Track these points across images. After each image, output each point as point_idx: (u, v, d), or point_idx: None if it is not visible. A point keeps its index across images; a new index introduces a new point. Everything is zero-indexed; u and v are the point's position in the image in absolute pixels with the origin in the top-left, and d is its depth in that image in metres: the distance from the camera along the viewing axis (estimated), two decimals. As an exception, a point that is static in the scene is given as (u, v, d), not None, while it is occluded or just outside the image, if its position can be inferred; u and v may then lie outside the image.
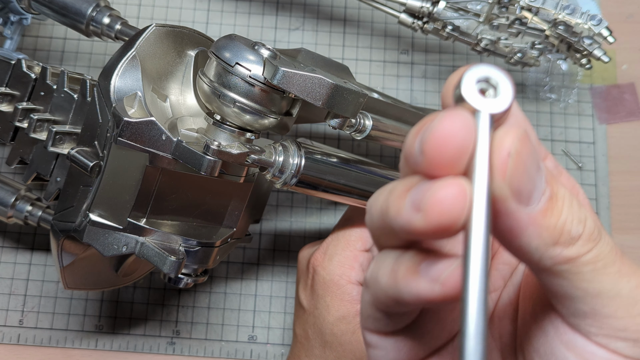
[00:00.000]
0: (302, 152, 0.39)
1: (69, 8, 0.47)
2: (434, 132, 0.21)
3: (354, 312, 0.43)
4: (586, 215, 0.23)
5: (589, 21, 0.49)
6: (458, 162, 0.21)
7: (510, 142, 0.21)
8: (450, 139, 0.21)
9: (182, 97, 0.41)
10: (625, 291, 0.23)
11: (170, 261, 0.38)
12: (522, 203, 0.21)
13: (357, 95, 0.38)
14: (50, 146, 0.41)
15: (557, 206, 0.22)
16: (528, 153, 0.21)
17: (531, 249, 0.22)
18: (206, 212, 0.42)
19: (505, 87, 0.22)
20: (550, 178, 0.22)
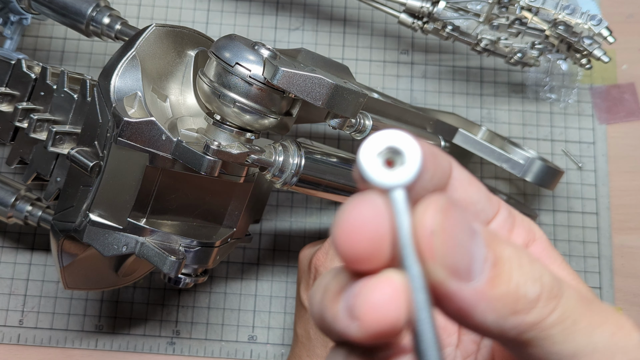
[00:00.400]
0: (302, 152, 0.39)
1: (69, 8, 0.47)
2: (341, 226, 0.19)
3: None
4: (541, 272, 0.20)
5: (589, 21, 0.49)
6: (377, 253, 0.19)
7: (431, 217, 0.18)
8: (359, 231, 0.18)
9: (182, 97, 0.41)
10: (601, 344, 0.21)
11: (170, 261, 0.38)
12: (464, 279, 0.19)
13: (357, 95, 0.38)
14: (50, 146, 0.41)
15: (504, 271, 0.19)
16: (454, 224, 0.19)
17: (489, 325, 0.20)
18: (206, 212, 0.42)
19: (411, 150, 0.19)
20: (491, 240, 0.20)
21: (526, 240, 0.26)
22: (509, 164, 0.50)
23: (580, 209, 0.57)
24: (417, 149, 0.19)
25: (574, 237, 0.56)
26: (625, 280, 0.56)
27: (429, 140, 0.50)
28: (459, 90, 0.60)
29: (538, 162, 0.50)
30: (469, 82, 0.60)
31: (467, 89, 0.60)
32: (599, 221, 0.57)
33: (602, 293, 0.55)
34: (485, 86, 0.60)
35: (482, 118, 0.59)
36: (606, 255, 0.56)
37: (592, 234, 0.56)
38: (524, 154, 0.51)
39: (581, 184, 0.58)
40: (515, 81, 0.60)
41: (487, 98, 0.60)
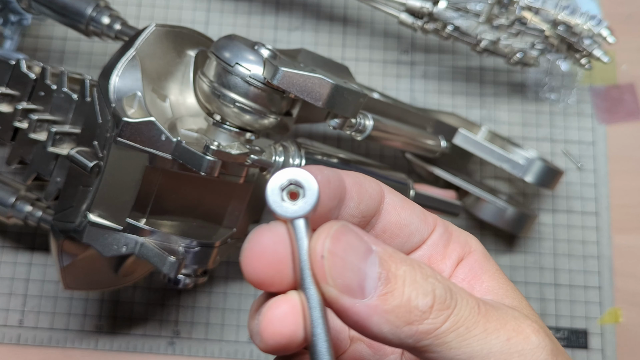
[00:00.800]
0: (302, 153, 0.39)
1: (69, 8, 0.47)
2: (245, 252, 0.22)
3: None
4: (434, 285, 0.22)
5: (588, 21, 0.49)
6: (279, 276, 0.22)
7: (321, 243, 0.21)
8: (260, 257, 0.22)
9: (182, 97, 0.41)
10: (496, 348, 0.23)
11: (170, 261, 0.38)
12: (357, 296, 0.21)
13: (357, 95, 0.38)
14: (50, 146, 0.41)
15: (396, 287, 0.22)
16: (345, 248, 0.21)
17: (386, 335, 0.22)
18: (206, 213, 0.42)
19: (309, 185, 0.22)
20: (386, 259, 0.22)
21: (461, 254, 0.28)
22: (509, 164, 0.50)
23: (580, 209, 0.57)
24: (314, 184, 0.22)
25: (573, 237, 0.56)
26: (625, 280, 0.56)
27: (429, 140, 0.50)
28: (459, 91, 0.60)
29: (538, 162, 0.50)
30: (469, 82, 0.60)
31: (467, 89, 0.60)
32: (598, 221, 0.57)
33: (602, 293, 0.55)
34: (485, 86, 0.60)
35: (482, 118, 0.59)
36: (606, 255, 0.56)
37: (592, 234, 0.56)
38: (524, 154, 0.51)
39: (581, 184, 0.58)
40: (515, 81, 0.60)
41: (487, 98, 0.60)
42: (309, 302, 0.21)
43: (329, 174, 0.23)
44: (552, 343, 0.24)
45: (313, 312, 0.21)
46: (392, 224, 0.27)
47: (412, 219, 0.27)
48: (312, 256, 0.21)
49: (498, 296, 0.27)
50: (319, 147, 0.42)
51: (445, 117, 0.54)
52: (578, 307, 0.55)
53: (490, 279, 0.28)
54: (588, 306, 0.55)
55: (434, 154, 0.52)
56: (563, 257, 0.56)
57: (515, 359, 0.23)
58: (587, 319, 0.55)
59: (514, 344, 0.23)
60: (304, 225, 0.22)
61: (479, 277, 0.28)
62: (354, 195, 0.24)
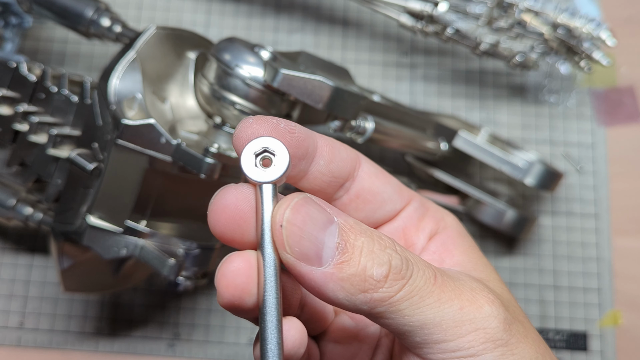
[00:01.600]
0: None
1: (70, 10, 0.47)
2: (212, 205, 0.24)
3: None
4: (391, 256, 0.24)
5: (588, 24, 0.49)
6: (240, 232, 0.24)
7: (281, 213, 0.23)
8: (224, 211, 0.24)
9: (182, 99, 0.42)
10: (449, 316, 0.24)
11: (170, 264, 0.38)
12: (314, 264, 0.23)
13: (357, 98, 0.38)
14: (50, 149, 0.41)
15: (353, 257, 0.23)
16: (304, 219, 0.23)
17: (342, 300, 0.23)
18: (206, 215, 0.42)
19: (281, 155, 0.23)
20: (346, 230, 0.23)
21: (435, 229, 0.30)
22: (509, 167, 0.50)
23: (579, 211, 0.57)
24: (286, 154, 0.23)
25: (573, 240, 0.56)
26: (624, 283, 0.56)
27: (429, 142, 0.50)
28: (458, 93, 0.60)
29: (538, 164, 0.50)
30: (468, 84, 0.60)
31: (467, 92, 0.60)
32: (598, 223, 0.57)
33: (601, 295, 0.55)
34: (485, 89, 0.60)
35: (482, 121, 0.59)
36: (605, 258, 0.56)
37: (592, 236, 0.56)
38: (523, 156, 0.51)
39: (580, 186, 0.58)
40: (514, 84, 0.61)
41: (487, 101, 0.60)
42: (265, 261, 0.23)
43: (300, 131, 0.25)
44: (507, 313, 0.26)
45: (267, 271, 0.23)
46: (365, 190, 0.28)
47: (386, 188, 0.29)
48: (273, 224, 0.23)
49: (465, 269, 0.28)
50: None
51: (445, 119, 0.54)
52: (578, 310, 0.55)
53: (461, 253, 0.29)
54: (588, 308, 0.55)
55: (434, 157, 0.52)
56: (563, 260, 0.56)
57: (466, 326, 0.24)
58: (587, 321, 0.55)
59: (466, 313, 0.25)
60: (271, 191, 0.23)
61: (450, 251, 0.29)
62: (324, 154, 0.27)
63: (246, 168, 0.23)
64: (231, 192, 0.24)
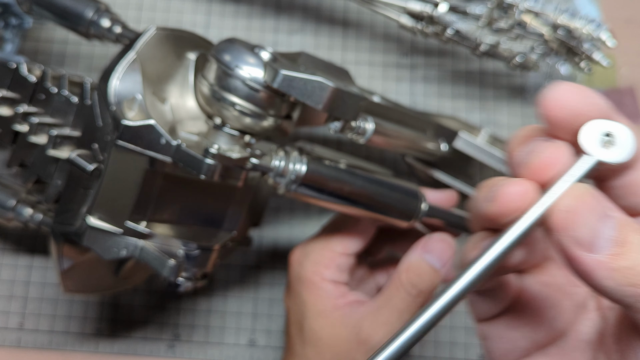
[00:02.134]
0: (303, 158, 0.39)
1: (70, 11, 0.47)
2: (552, 91, 0.25)
3: (331, 306, 0.43)
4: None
5: (588, 25, 0.49)
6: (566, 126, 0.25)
7: (568, 200, 0.24)
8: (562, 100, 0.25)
9: (182, 100, 0.42)
10: None
11: (170, 265, 0.38)
12: (586, 250, 0.24)
13: (357, 99, 0.38)
14: (50, 150, 0.41)
15: (627, 251, 0.24)
16: (587, 209, 0.24)
17: (608, 290, 0.24)
18: (206, 216, 0.42)
19: (625, 144, 0.24)
20: (623, 226, 0.24)
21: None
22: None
23: (580, 213, 0.57)
24: (631, 146, 0.24)
25: (573, 241, 0.56)
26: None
27: (429, 143, 0.50)
28: (458, 94, 0.60)
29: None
30: (468, 85, 0.60)
31: (467, 93, 0.60)
32: (598, 224, 0.57)
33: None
34: (485, 90, 0.60)
35: (482, 121, 0.59)
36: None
37: (592, 238, 0.56)
38: (523, 157, 0.51)
39: (581, 187, 0.58)
40: (515, 85, 0.61)
41: (487, 101, 0.60)
42: (538, 205, 0.24)
43: None
44: None
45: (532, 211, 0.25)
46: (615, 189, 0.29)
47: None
48: (557, 206, 0.24)
49: None
50: (321, 153, 0.42)
51: (445, 120, 0.54)
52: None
53: None
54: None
55: (434, 157, 0.52)
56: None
57: None
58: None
59: None
60: (589, 167, 0.24)
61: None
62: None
63: (587, 138, 0.24)
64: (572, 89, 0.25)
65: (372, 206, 0.42)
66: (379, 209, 0.42)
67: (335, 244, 0.45)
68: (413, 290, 0.42)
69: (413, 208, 0.43)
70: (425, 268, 0.42)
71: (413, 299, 0.42)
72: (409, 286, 0.42)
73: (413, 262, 0.43)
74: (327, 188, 0.40)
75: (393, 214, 0.43)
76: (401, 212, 0.43)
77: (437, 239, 0.44)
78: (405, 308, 0.42)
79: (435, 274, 0.42)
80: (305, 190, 0.40)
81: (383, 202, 0.42)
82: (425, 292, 0.42)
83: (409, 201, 0.43)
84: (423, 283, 0.42)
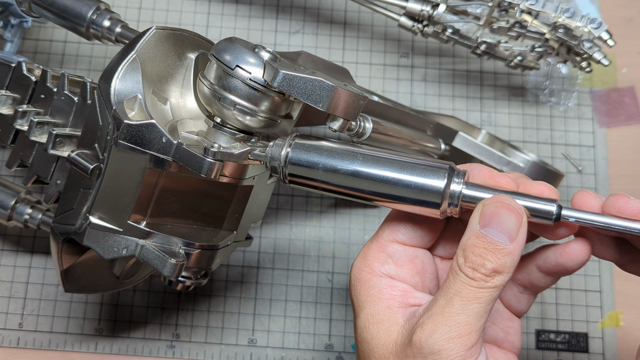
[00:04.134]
0: (292, 142, 0.37)
1: (70, 11, 0.47)
2: None
3: (384, 307, 0.35)
4: None
5: (588, 24, 0.49)
6: None
7: None
8: None
9: (183, 100, 0.41)
10: None
11: (170, 264, 0.38)
12: None
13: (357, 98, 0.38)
14: (51, 149, 0.41)
15: None
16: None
17: None
18: (206, 215, 0.42)
19: None
20: None
21: None
22: (509, 167, 0.50)
23: (580, 212, 0.57)
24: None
25: (574, 241, 0.56)
26: (625, 284, 0.55)
27: (429, 143, 0.50)
28: (459, 94, 0.60)
29: (538, 165, 0.50)
30: (469, 85, 0.60)
31: (467, 92, 0.60)
32: (599, 224, 0.57)
33: (603, 297, 0.55)
34: (485, 89, 0.60)
35: (482, 121, 0.59)
36: (606, 259, 0.56)
37: (593, 237, 0.56)
38: (524, 157, 0.51)
39: (581, 187, 0.58)
40: (515, 84, 0.61)
41: (487, 101, 0.60)
42: None
43: None
44: None
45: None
46: None
47: None
48: None
49: None
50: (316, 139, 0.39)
51: (444, 120, 0.54)
52: (579, 311, 0.55)
53: None
54: (589, 310, 0.55)
55: (434, 157, 0.52)
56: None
57: None
58: (588, 322, 0.55)
59: None
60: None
61: None
62: None
63: None
64: None
65: (375, 191, 0.35)
66: (385, 194, 0.35)
67: (382, 232, 0.37)
68: (476, 273, 0.32)
69: (437, 191, 0.34)
70: (487, 245, 0.33)
71: (479, 284, 0.32)
72: (469, 270, 0.33)
73: (469, 241, 0.33)
74: (317, 173, 0.36)
75: (407, 201, 0.34)
76: (419, 198, 0.34)
77: (496, 205, 0.33)
78: (472, 296, 0.32)
79: (503, 250, 0.32)
80: (295, 175, 0.36)
81: (389, 186, 0.34)
82: (495, 273, 0.32)
83: (429, 183, 0.34)
84: (489, 263, 0.32)
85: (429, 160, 0.35)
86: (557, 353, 0.54)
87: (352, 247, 0.57)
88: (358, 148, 0.36)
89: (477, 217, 0.33)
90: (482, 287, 0.32)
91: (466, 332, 0.32)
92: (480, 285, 0.32)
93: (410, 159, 0.35)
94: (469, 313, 0.32)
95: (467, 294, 0.32)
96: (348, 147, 0.36)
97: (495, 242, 0.32)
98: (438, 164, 0.34)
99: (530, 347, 0.54)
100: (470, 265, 0.32)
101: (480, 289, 0.32)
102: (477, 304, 0.32)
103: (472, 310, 0.32)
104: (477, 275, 0.32)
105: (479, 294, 0.32)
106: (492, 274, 0.32)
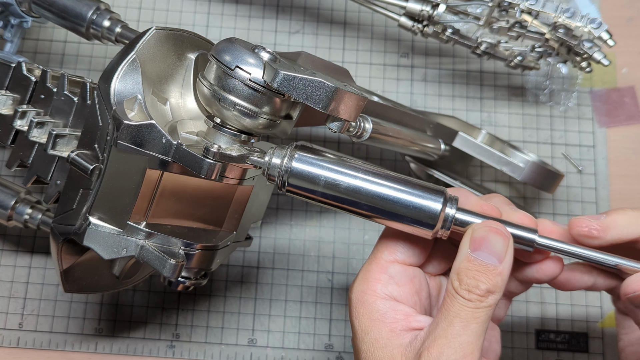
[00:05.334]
0: (295, 154, 0.37)
1: (70, 11, 0.47)
2: None
3: (387, 331, 0.36)
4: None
5: (588, 24, 0.49)
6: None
7: None
8: None
9: (182, 100, 0.41)
10: None
11: (170, 264, 0.38)
12: None
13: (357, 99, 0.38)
14: (50, 149, 0.41)
15: None
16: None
17: None
18: (206, 215, 0.42)
19: None
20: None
21: None
22: (509, 167, 0.50)
23: (580, 213, 0.57)
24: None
25: (574, 241, 0.56)
26: (625, 284, 0.55)
27: (429, 143, 0.50)
28: (459, 94, 0.60)
29: (538, 165, 0.50)
30: (469, 85, 0.60)
31: (467, 93, 0.60)
32: (599, 224, 0.57)
33: (603, 296, 0.55)
34: (485, 89, 0.60)
35: (482, 121, 0.59)
36: (606, 259, 0.56)
37: (592, 238, 0.56)
38: (523, 157, 0.51)
39: (581, 187, 0.58)
40: (515, 84, 0.61)
41: (487, 101, 0.60)
42: None
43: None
44: None
45: None
46: None
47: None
48: None
49: None
50: (320, 151, 0.40)
51: (445, 120, 0.54)
52: (579, 311, 0.55)
53: None
54: (589, 310, 0.55)
55: (434, 157, 0.52)
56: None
57: None
58: (588, 322, 0.55)
59: None
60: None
61: None
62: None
63: None
64: None
65: (374, 208, 0.36)
66: (383, 212, 0.36)
67: (381, 252, 0.38)
68: (472, 294, 0.34)
69: (433, 214, 0.36)
70: (479, 268, 0.35)
71: (475, 305, 0.34)
72: (465, 292, 0.34)
73: (462, 264, 0.35)
74: (317, 187, 0.37)
75: (404, 220, 0.36)
76: (415, 218, 0.36)
77: (485, 230, 0.35)
78: (470, 317, 0.34)
79: (493, 271, 0.35)
80: (295, 186, 0.37)
81: (388, 205, 0.36)
82: (489, 293, 0.34)
83: (426, 205, 0.36)
84: (482, 284, 0.34)
85: (425, 182, 0.37)
86: (557, 353, 0.54)
87: (352, 247, 0.57)
88: (359, 164, 0.37)
89: (467, 242, 0.35)
90: (479, 307, 0.34)
91: (469, 351, 0.33)
92: (476, 305, 0.34)
93: (409, 178, 0.37)
94: (470, 333, 0.34)
95: (466, 315, 0.34)
96: (350, 163, 0.37)
97: (487, 264, 0.34)
98: (434, 187, 0.37)
99: (530, 347, 0.54)
100: (465, 288, 0.34)
101: (477, 309, 0.34)
102: (476, 323, 0.34)
103: (472, 330, 0.34)
104: (473, 296, 0.34)
105: (476, 314, 0.34)
106: (486, 294, 0.34)
